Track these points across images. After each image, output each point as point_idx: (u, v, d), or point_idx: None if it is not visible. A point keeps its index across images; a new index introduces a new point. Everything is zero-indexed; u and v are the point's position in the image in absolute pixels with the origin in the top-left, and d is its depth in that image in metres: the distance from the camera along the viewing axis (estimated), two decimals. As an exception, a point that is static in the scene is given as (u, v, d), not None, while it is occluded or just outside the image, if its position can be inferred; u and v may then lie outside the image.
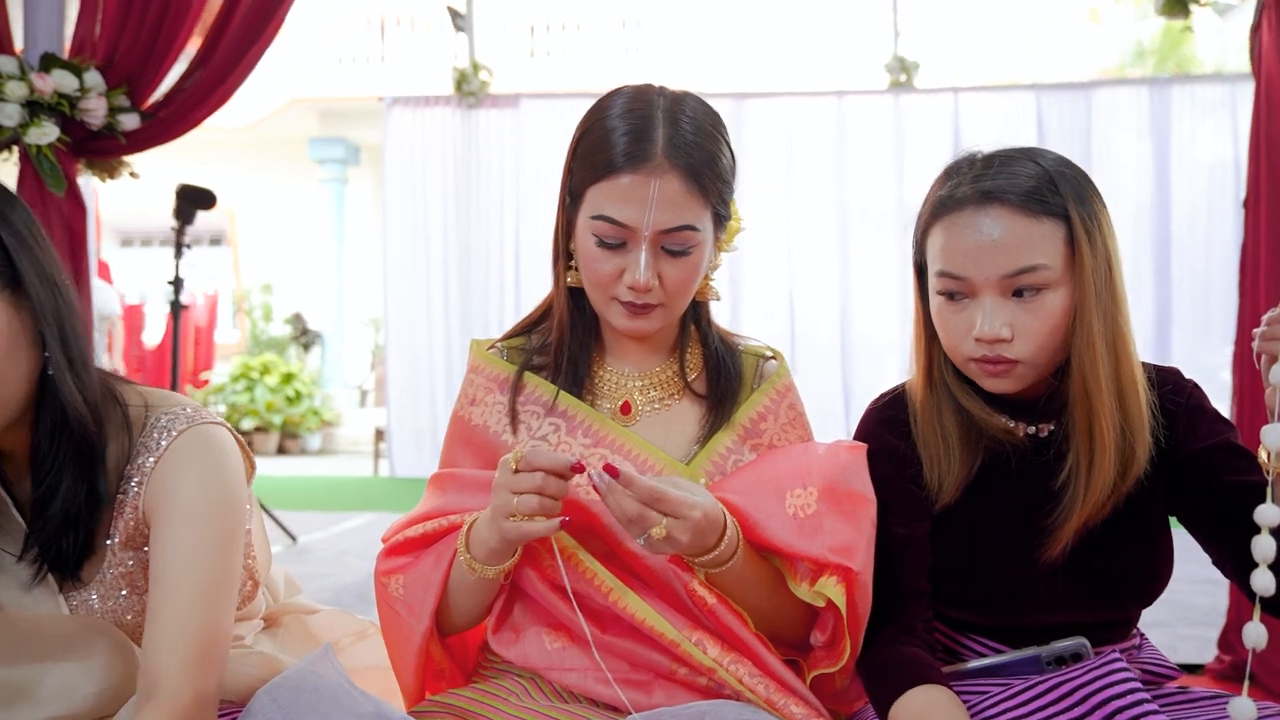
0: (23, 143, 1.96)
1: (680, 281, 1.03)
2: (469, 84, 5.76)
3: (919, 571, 1.03)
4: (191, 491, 0.97)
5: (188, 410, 1.02)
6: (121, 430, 0.99)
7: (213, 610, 0.96)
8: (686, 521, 0.90)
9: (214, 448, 1.01)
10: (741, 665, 0.96)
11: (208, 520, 0.97)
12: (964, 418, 1.04)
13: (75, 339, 0.96)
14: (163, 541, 0.95)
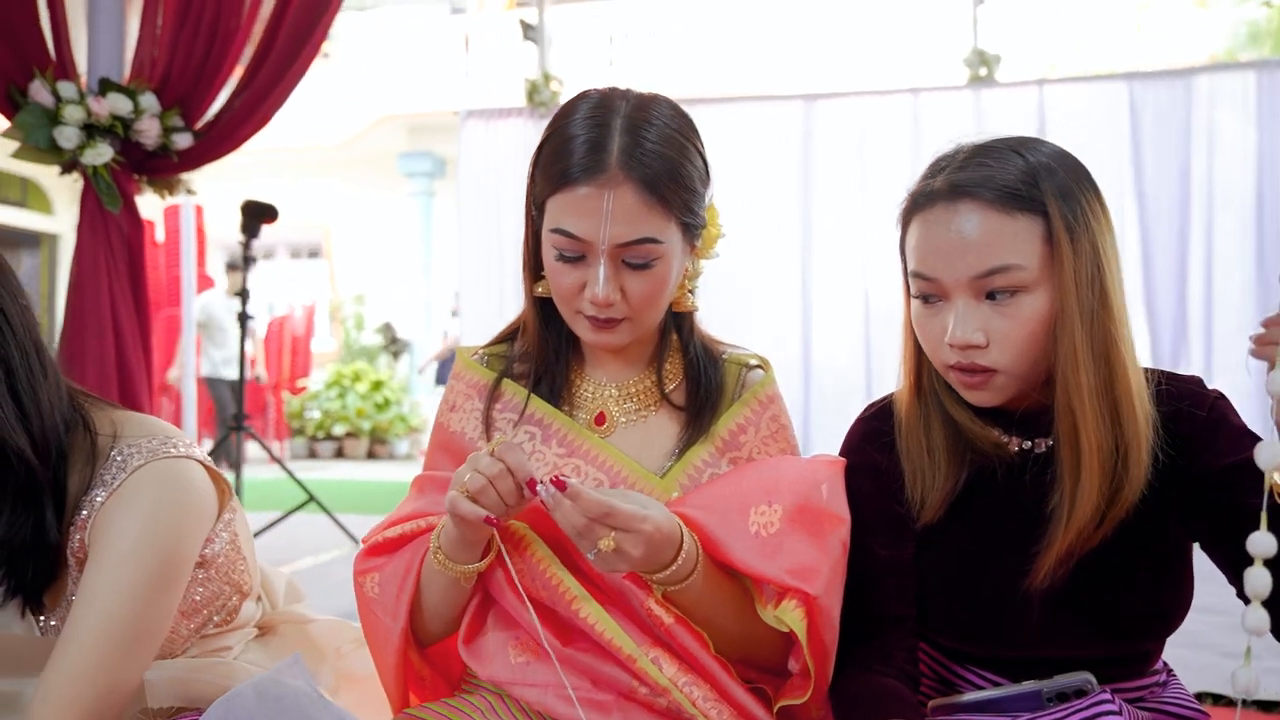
0: (81, 164, 2.07)
1: (645, 295, 0.98)
2: (540, 94, 5.83)
3: (900, 596, 0.96)
4: (127, 533, 0.94)
5: (152, 443, 1.00)
6: (87, 461, 0.98)
7: (114, 653, 0.92)
8: (637, 535, 0.86)
9: (166, 485, 0.97)
10: (698, 688, 0.91)
11: (135, 564, 0.94)
12: (952, 429, 0.96)
13: (25, 367, 0.95)
14: (86, 579, 0.94)
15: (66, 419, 0.99)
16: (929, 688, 1.05)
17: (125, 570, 0.93)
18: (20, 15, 1.99)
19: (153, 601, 0.94)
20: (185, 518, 0.98)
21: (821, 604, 0.89)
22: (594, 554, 0.87)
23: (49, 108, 2.00)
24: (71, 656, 0.89)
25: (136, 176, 2.24)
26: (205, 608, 1.11)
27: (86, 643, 0.90)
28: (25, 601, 0.98)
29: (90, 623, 0.90)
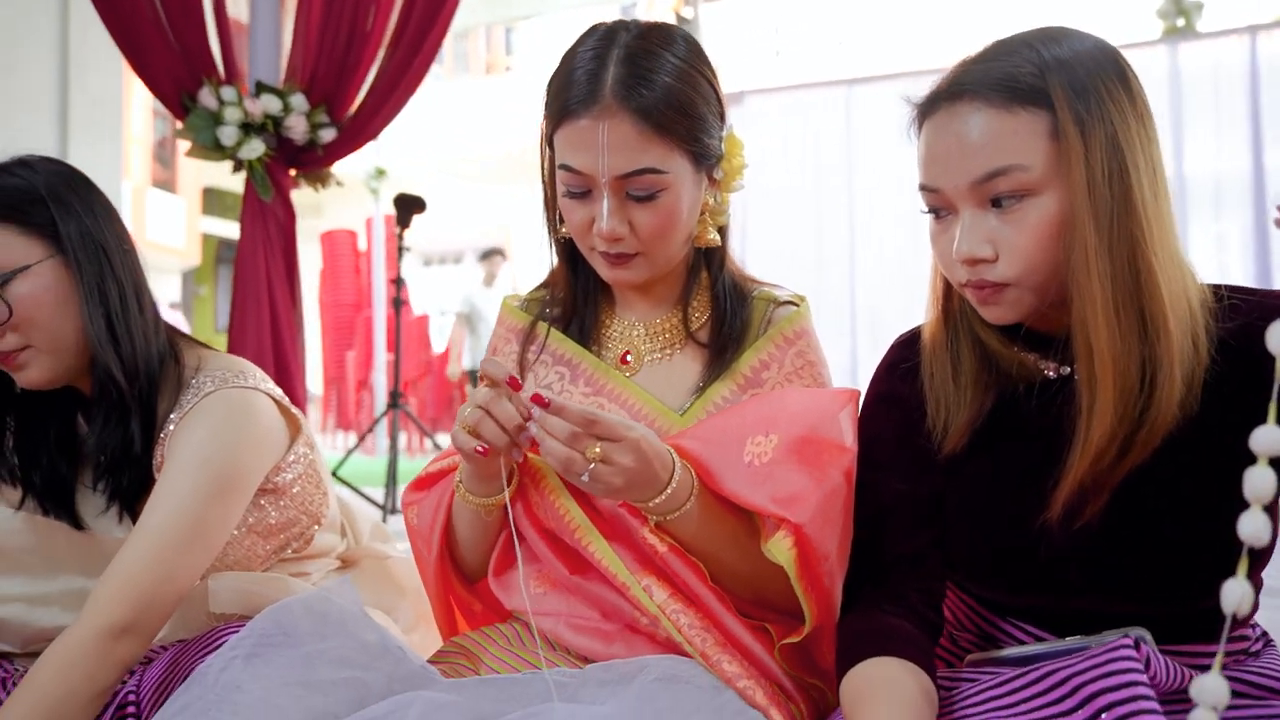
0: (239, 158, 2.32)
1: (653, 228, 0.97)
2: (696, 86, 5.86)
3: (915, 534, 0.89)
4: (190, 446, 1.06)
5: (225, 375, 1.12)
6: (174, 389, 1.12)
7: (165, 553, 1.00)
8: (624, 444, 0.85)
9: (231, 410, 1.08)
10: (685, 615, 0.89)
11: (196, 474, 1.03)
12: (981, 354, 0.88)
13: (122, 301, 1.08)
14: (156, 486, 1.05)
15: (160, 353, 1.12)
16: (969, 643, 0.97)
17: (185, 479, 1.04)
18: (191, 31, 2.27)
19: (207, 510, 1.04)
20: (243, 439, 1.08)
21: (808, 532, 0.85)
22: (585, 475, 0.86)
23: (214, 110, 2.26)
24: (133, 550, 1.00)
25: (292, 173, 2.48)
26: (281, 532, 1.21)
27: (146, 539, 1.00)
28: (122, 508, 1.11)
29: (152, 523, 1.01)
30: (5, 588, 1.14)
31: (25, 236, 1.04)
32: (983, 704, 0.77)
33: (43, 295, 1.03)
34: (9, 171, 1.05)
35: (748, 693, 0.83)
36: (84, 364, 1.09)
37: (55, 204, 1.05)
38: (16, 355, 1.04)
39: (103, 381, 1.06)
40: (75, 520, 1.14)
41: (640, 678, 0.83)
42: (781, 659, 0.89)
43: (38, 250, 1.04)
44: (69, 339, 1.06)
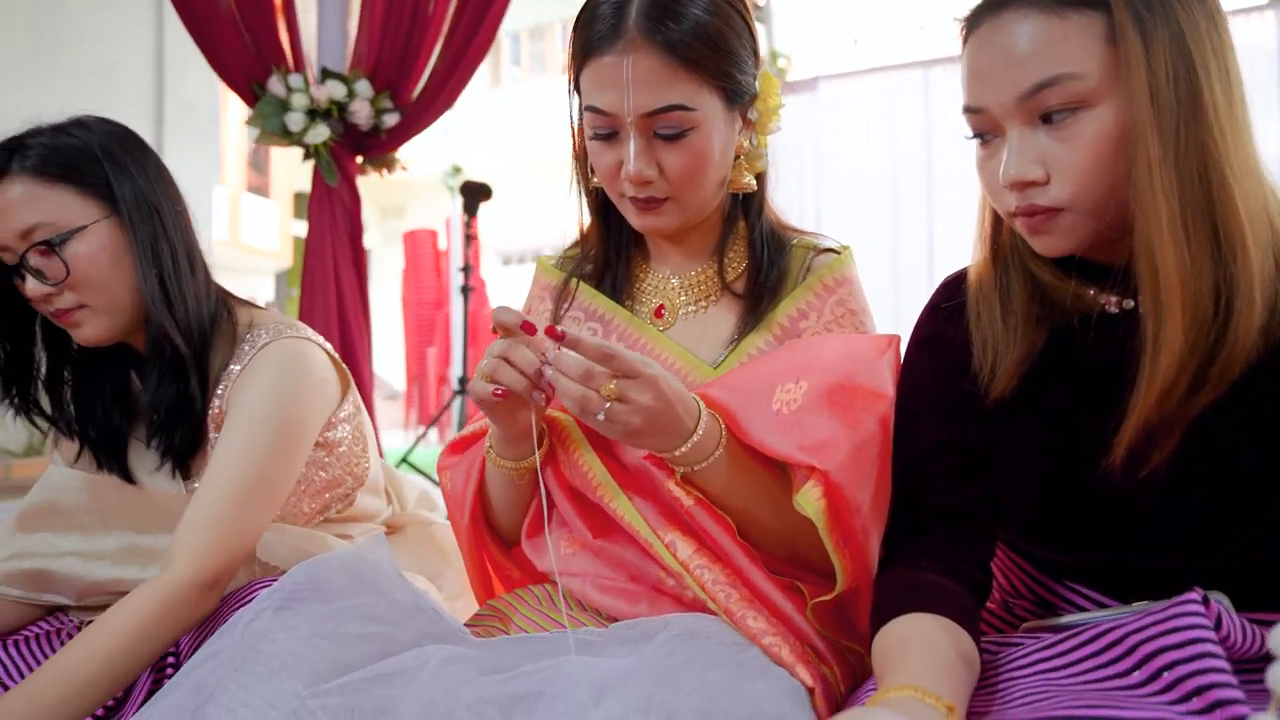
0: (305, 143, 2.37)
1: (683, 169, 0.93)
2: (767, 72, 5.76)
3: (959, 485, 0.82)
4: (255, 396, 1.07)
5: (279, 327, 1.14)
6: (227, 345, 1.14)
7: (239, 507, 1.02)
8: (641, 380, 0.80)
9: (290, 360, 1.10)
10: (709, 571, 0.84)
11: (260, 427, 1.05)
12: (1034, 291, 0.81)
13: (174, 260, 1.10)
14: (220, 440, 1.06)
15: (212, 311, 1.14)
16: (1025, 610, 0.89)
17: (251, 431, 1.05)
18: (261, 20, 2.34)
19: (274, 460, 1.06)
20: (302, 388, 1.10)
21: (836, 480, 0.79)
22: (601, 414, 0.82)
23: (282, 98, 2.32)
24: (204, 505, 1.01)
25: (359, 160, 2.53)
26: (326, 491, 1.22)
27: (216, 493, 1.02)
28: (175, 465, 1.13)
29: (220, 476, 1.03)
30: (62, 544, 1.17)
31: (81, 196, 1.06)
32: (1029, 667, 0.71)
33: (98, 255, 1.06)
34: (65, 131, 1.08)
35: (773, 649, 0.78)
36: (138, 322, 1.11)
37: (110, 164, 1.07)
38: (73, 313, 1.07)
39: (157, 339, 1.08)
40: (127, 474, 1.17)
41: (662, 634, 0.79)
42: (816, 620, 0.84)
43: (93, 210, 1.06)
44: (123, 298, 1.08)
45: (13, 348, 1.14)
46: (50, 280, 1.04)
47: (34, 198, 1.03)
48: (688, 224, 1.00)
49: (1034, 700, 0.65)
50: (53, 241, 1.03)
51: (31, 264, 1.04)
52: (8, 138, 1.06)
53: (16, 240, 1.04)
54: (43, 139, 1.06)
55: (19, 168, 1.04)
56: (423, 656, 0.86)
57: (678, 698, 0.65)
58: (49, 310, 1.07)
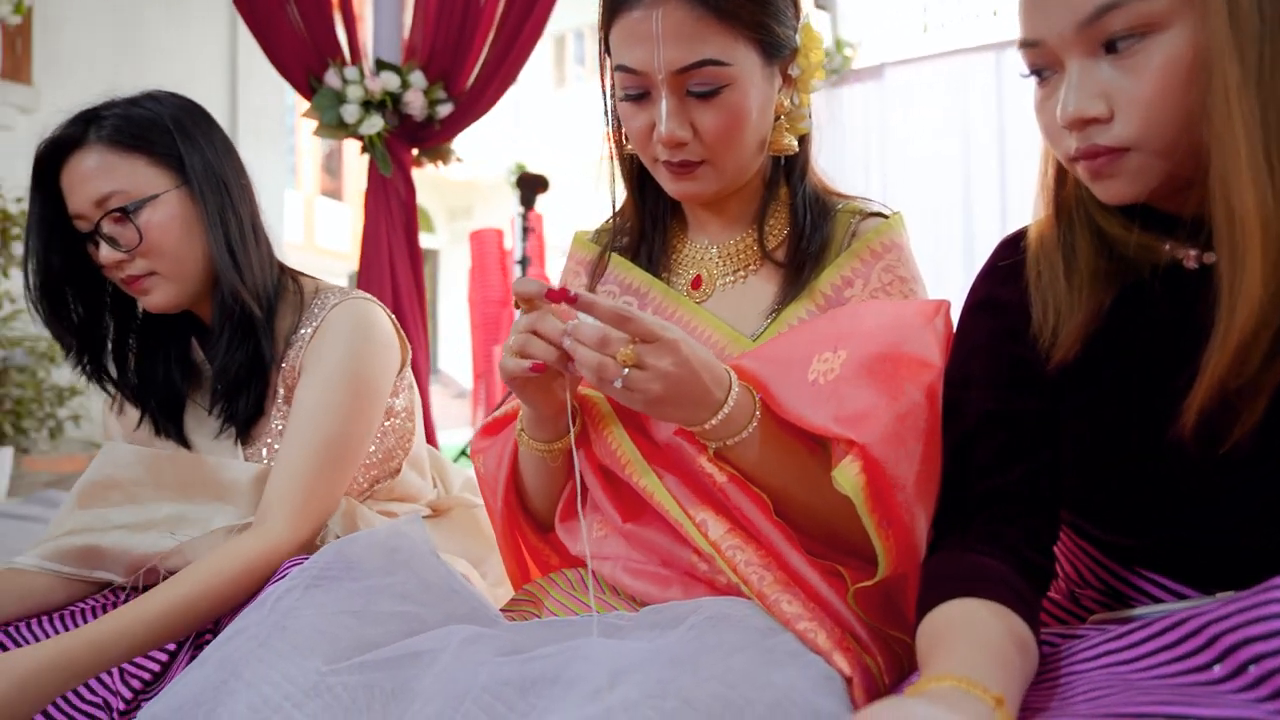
0: (360, 135, 2.39)
1: (719, 129, 0.87)
2: (832, 62, 5.64)
3: (1015, 460, 0.75)
4: (333, 356, 1.10)
5: (346, 291, 1.17)
6: (293, 310, 1.16)
7: (325, 465, 1.05)
8: (660, 345, 0.75)
9: (360, 321, 1.13)
10: (743, 551, 0.79)
11: (338, 385, 1.08)
12: (1101, 246, 0.73)
13: (240, 229, 1.13)
14: (299, 398, 1.09)
15: (276, 281, 1.17)
16: (1094, 602, 0.81)
17: (329, 390, 1.08)
18: (317, 14, 2.36)
19: (352, 418, 1.09)
20: (373, 346, 1.13)
21: (876, 454, 0.72)
22: (618, 382, 0.76)
23: (338, 90, 2.35)
24: (290, 464, 1.05)
25: (415, 152, 2.54)
26: (378, 466, 1.23)
27: (301, 451, 1.05)
28: (237, 432, 1.15)
29: (303, 435, 1.06)
30: (115, 517, 1.19)
31: (154, 166, 1.08)
32: (1094, 660, 0.63)
33: (170, 223, 1.08)
34: (138, 104, 1.10)
35: (808, 635, 0.72)
36: (204, 290, 1.13)
37: (181, 135, 1.10)
38: (143, 280, 1.09)
39: (227, 304, 1.11)
40: (184, 440, 1.19)
41: (691, 618, 0.74)
42: (859, 606, 0.77)
43: (165, 180, 1.09)
44: (192, 265, 1.11)
45: (84, 316, 1.17)
46: (123, 247, 1.07)
47: (109, 167, 1.06)
48: (726, 190, 0.95)
49: (1099, 695, 0.58)
50: (127, 209, 1.06)
51: (105, 231, 1.07)
52: (84, 110, 1.09)
53: (91, 208, 1.07)
54: (117, 110, 1.09)
55: (95, 137, 1.07)
56: (445, 637, 0.83)
57: (696, 683, 0.61)
58: (120, 277, 1.10)
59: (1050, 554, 0.74)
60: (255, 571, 1.00)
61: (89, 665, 0.91)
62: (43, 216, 1.10)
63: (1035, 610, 0.69)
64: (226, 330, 1.12)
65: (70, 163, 1.08)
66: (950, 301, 0.86)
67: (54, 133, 1.09)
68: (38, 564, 1.12)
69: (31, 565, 1.12)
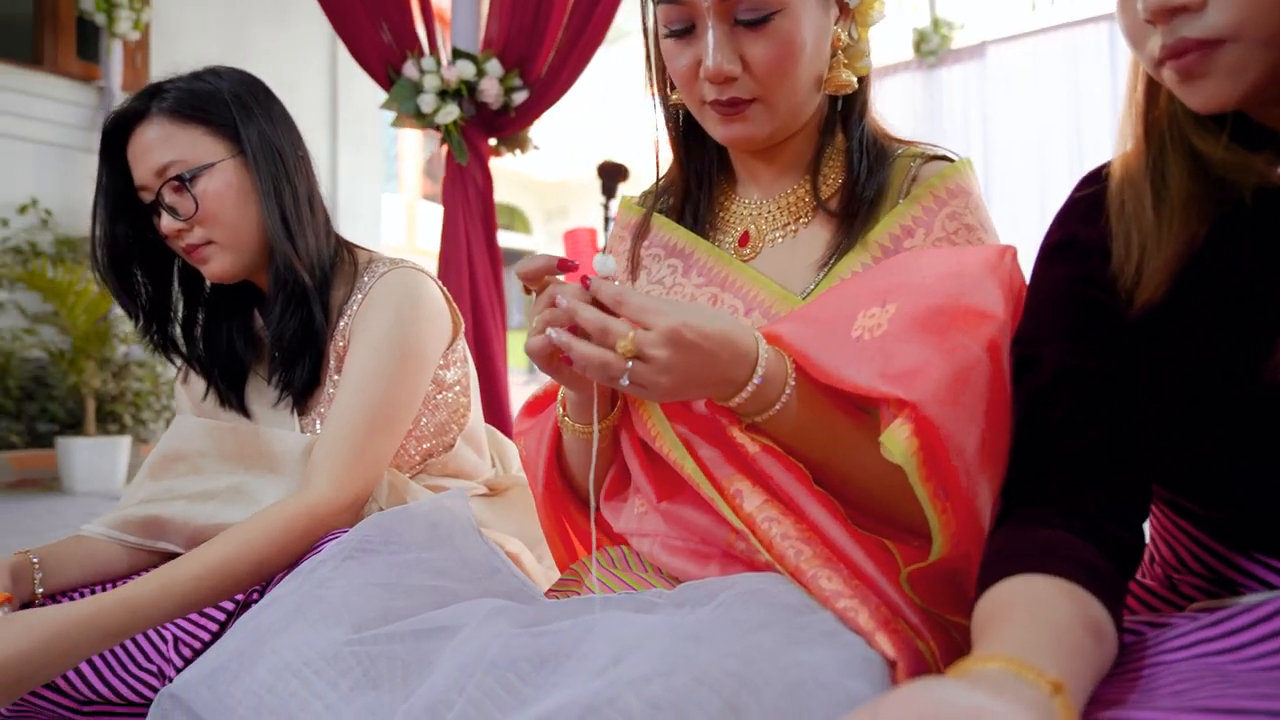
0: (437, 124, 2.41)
1: (770, 61, 0.80)
2: (928, 43, 5.41)
3: (1093, 421, 0.65)
4: (380, 323, 1.10)
5: (397, 260, 1.17)
6: (346, 280, 1.17)
7: (371, 430, 1.06)
8: (656, 334, 0.68)
9: (409, 288, 1.12)
10: (780, 524, 0.71)
11: (385, 351, 1.08)
12: (1196, 169, 0.63)
13: (295, 200, 1.14)
14: (347, 365, 1.09)
15: (332, 253, 1.18)
16: (1195, 588, 0.70)
17: (375, 356, 1.08)
18: (396, 8, 2.39)
19: (398, 384, 1.09)
20: (421, 314, 1.13)
21: (928, 414, 0.63)
22: (625, 379, 0.70)
23: (416, 81, 2.37)
24: (336, 429, 1.05)
25: (492, 142, 2.55)
26: (430, 439, 1.22)
27: (346, 416, 1.06)
28: (294, 401, 1.16)
29: (350, 400, 1.07)
30: (179, 487, 1.21)
31: (211, 136, 1.10)
32: (1185, 650, 0.54)
33: (225, 191, 1.10)
34: (199, 78, 1.13)
35: (848, 614, 0.64)
36: (262, 260, 1.15)
37: (238, 107, 1.12)
38: (201, 249, 1.11)
39: (280, 272, 1.12)
40: (244, 409, 1.20)
41: (723, 594, 0.68)
42: (914, 589, 0.69)
43: (221, 149, 1.10)
44: (248, 234, 1.12)
45: (153, 289, 1.20)
46: (181, 216, 1.09)
47: (169, 137, 1.09)
48: (778, 133, 0.87)
49: (1188, 688, 0.48)
50: (184, 177, 1.08)
51: (166, 200, 1.09)
52: (150, 84, 1.12)
53: (153, 178, 1.09)
54: (179, 84, 1.11)
55: (157, 109, 1.09)
56: (467, 612, 0.79)
57: (712, 659, 0.54)
58: (180, 246, 1.12)
59: (1137, 529, 0.64)
60: (296, 532, 0.99)
61: (122, 626, 0.91)
62: (109, 188, 1.13)
63: (1116, 592, 0.59)
64: (280, 298, 1.13)
65: (135, 135, 1.10)
66: (1016, 247, 0.76)
67: (120, 106, 1.11)
68: (104, 532, 1.15)
69: (98, 533, 1.14)
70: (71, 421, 4.21)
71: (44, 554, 1.09)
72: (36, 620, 0.86)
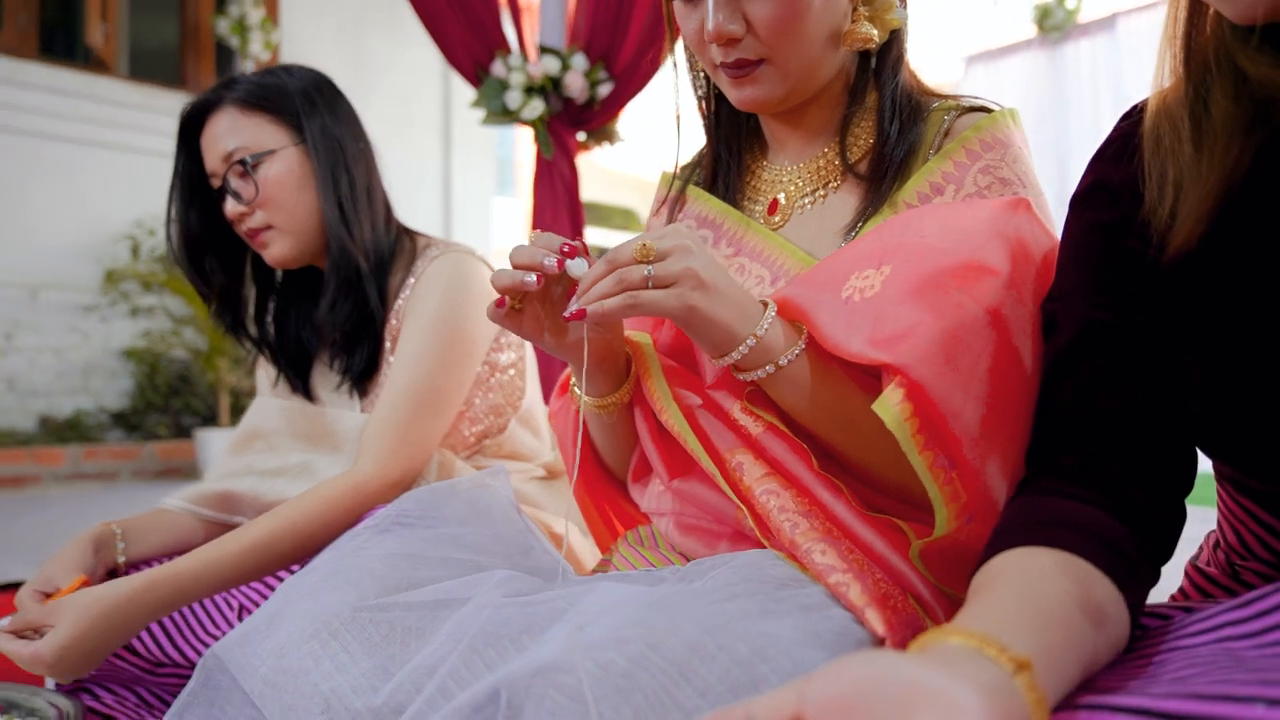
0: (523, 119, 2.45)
1: (773, 19, 0.77)
2: (1052, 18, 5.10)
3: (1122, 381, 0.58)
4: (428, 306, 1.12)
5: (450, 244, 1.19)
6: (404, 265, 1.20)
7: (417, 411, 1.08)
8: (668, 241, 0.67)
9: (459, 272, 1.15)
10: (778, 497, 0.68)
11: (432, 334, 1.10)
12: (1239, 92, 0.55)
13: (352, 189, 1.18)
14: (399, 346, 1.13)
15: (392, 241, 1.22)
16: (1260, 576, 0.62)
17: (424, 339, 1.11)
18: (485, 10, 2.45)
19: (445, 368, 1.11)
20: (469, 299, 1.14)
21: (918, 378, 0.59)
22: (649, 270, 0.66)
23: (503, 78, 2.42)
24: (383, 410, 1.09)
25: (581, 137, 2.57)
26: (483, 420, 1.24)
27: (394, 398, 1.09)
28: (353, 385, 1.20)
29: (397, 382, 1.10)
30: (255, 463, 1.28)
31: (274, 125, 1.16)
32: (1208, 632, 0.47)
33: (285, 178, 1.15)
34: (271, 73, 1.19)
35: (840, 588, 0.60)
36: (322, 246, 1.19)
37: (302, 100, 1.17)
38: (263, 233, 1.17)
39: (335, 259, 1.16)
40: (309, 393, 1.26)
41: (718, 570, 0.65)
42: (927, 567, 0.64)
43: (283, 138, 1.16)
44: (306, 220, 1.17)
45: (225, 276, 1.26)
46: (244, 200, 1.14)
47: (236, 124, 1.14)
48: (795, 95, 0.83)
49: (1194, 674, 0.42)
50: (246, 161, 1.13)
51: (231, 185, 1.15)
52: (224, 78, 1.19)
53: (221, 164, 1.15)
54: (251, 78, 1.18)
55: (228, 99, 1.16)
56: (475, 585, 0.79)
57: (670, 627, 0.52)
58: (243, 230, 1.17)
59: (1173, 502, 0.57)
60: (340, 508, 1.02)
61: (169, 599, 0.96)
62: (184, 174, 1.19)
63: (1134, 567, 0.52)
64: (334, 282, 1.16)
65: (208, 123, 1.17)
66: (1030, 201, 0.69)
67: (197, 97, 1.18)
68: (182, 506, 1.22)
69: (177, 506, 1.22)
70: (210, 415, 4.54)
71: (126, 525, 1.16)
72: (92, 599, 0.92)
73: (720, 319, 0.67)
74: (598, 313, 0.65)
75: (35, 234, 4.14)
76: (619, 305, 0.65)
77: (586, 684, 0.47)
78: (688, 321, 0.67)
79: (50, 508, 3.43)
